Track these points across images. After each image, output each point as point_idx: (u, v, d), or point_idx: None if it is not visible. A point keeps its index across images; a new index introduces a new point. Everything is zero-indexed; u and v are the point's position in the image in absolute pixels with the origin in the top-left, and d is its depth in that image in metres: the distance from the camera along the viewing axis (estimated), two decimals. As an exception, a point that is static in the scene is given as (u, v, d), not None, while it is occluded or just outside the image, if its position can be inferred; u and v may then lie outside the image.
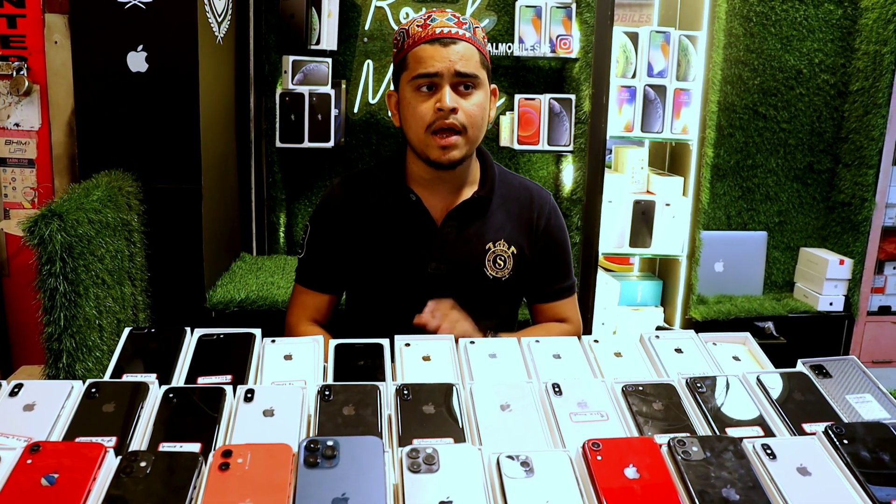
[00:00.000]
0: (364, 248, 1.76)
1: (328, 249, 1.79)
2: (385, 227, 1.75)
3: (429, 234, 1.73)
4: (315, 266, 1.80)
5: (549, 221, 1.83)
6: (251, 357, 1.26)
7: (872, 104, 3.13)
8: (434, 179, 1.74)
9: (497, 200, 1.79)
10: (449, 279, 1.73)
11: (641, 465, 0.95)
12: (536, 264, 1.82)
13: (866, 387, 1.26)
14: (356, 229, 1.76)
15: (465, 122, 1.63)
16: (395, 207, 1.76)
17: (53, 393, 1.10)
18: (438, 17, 1.65)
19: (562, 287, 1.87)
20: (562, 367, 1.30)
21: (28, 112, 2.49)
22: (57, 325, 1.76)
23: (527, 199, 1.83)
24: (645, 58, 3.00)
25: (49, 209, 1.76)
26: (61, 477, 0.89)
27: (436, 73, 1.60)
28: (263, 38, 2.93)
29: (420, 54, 1.62)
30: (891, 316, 3.39)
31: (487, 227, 1.76)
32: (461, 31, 1.63)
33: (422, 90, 1.63)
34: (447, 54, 1.60)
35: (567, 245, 1.88)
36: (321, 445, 0.93)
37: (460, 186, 1.77)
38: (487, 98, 1.70)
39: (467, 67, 1.62)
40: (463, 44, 1.62)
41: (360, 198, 1.78)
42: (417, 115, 1.63)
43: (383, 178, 1.79)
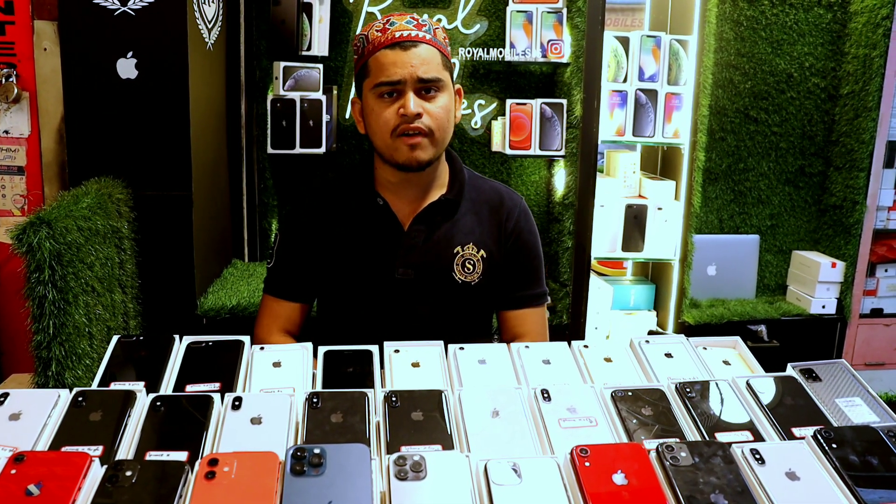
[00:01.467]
0: (333, 255, 1.74)
1: (298, 257, 1.77)
2: (353, 233, 1.74)
3: (396, 238, 1.72)
4: (285, 274, 1.78)
5: (519, 224, 1.80)
6: (240, 364, 1.26)
7: (862, 107, 3.14)
8: (401, 183, 1.72)
9: (466, 203, 1.77)
10: (417, 284, 1.71)
11: (630, 470, 0.95)
12: (507, 270, 1.79)
13: (856, 390, 1.26)
14: (325, 236, 1.75)
15: (430, 125, 1.61)
16: (363, 213, 1.74)
17: (40, 402, 1.09)
18: (397, 21, 1.63)
19: (530, 294, 1.82)
20: (551, 373, 1.30)
21: (17, 119, 2.48)
22: (46, 334, 1.75)
23: (497, 202, 1.80)
24: (636, 62, 3.01)
25: (37, 217, 1.75)
26: (46, 487, 0.88)
27: (398, 80, 1.59)
28: (254, 44, 2.93)
29: (381, 60, 1.60)
30: (883, 318, 3.40)
31: (456, 231, 1.74)
32: (421, 34, 1.62)
33: (385, 97, 1.62)
34: (408, 59, 1.59)
35: (538, 251, 1.84)
36: (308, 453, 0.93)
37: (428, 190, 1.74)
38: (452, 99, 1.67)
39: (429, 72, 1.60)
40: (424, 46, 1.61)
41: (328, 205, 1.77)
42: (381, 122, 1.62)
43: (351, 185, 1.78)
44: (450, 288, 1.73)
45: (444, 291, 1.73)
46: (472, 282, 1.74)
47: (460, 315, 1.76)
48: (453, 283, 1.73)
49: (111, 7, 2.20)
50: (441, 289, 1.73)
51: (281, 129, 2.86)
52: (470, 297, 1.75)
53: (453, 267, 1.73)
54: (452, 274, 1.73)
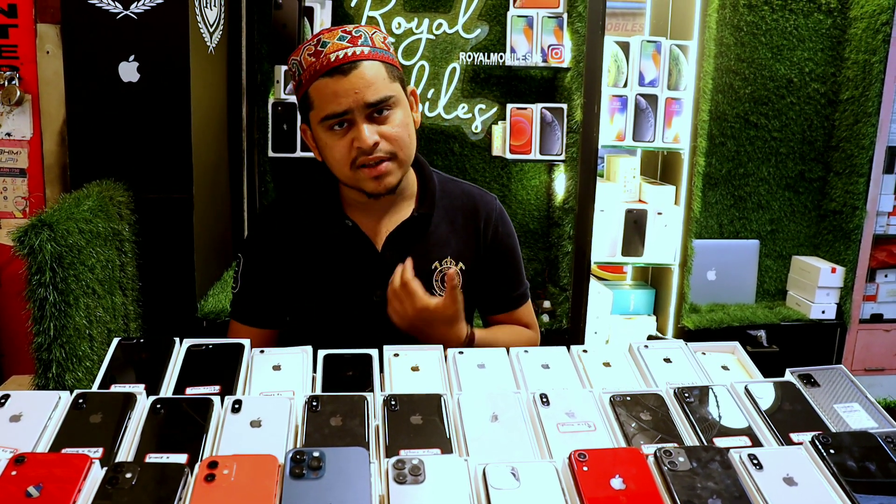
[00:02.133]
0: (303, 278, 1.64)
1: (263, 283, 1.66)
2: (323, 256, 1.63)
3: (370, 261, 1.62)
4: (251, 301, 1.68)
5: (497, 229, 1.73)
6: (240, 367, 1.26)
7: (862, 113, 3.15)
8: (370, 202, 1.61)
9: (439, 214, 1.68)
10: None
11: (628, 475, 0.96)
12: (487, 275, 1.73)
13: (854, 396, 1.26)
14: (292, 258, 1.64)
15: (390, 149, 1.50)
16: (332, 235, 1.64)
17: (40, 404, 1.10)
18: (329, 41, 1.48)
19: (517, 294, 1.78)
20: (550, 378, 1.30)
21: (20, 121, 2.49)
22: (46, 335, 1.75)
23: (471, 208, 1.72)
24: (636, 67, 3.02)
25: (39, 219, 1.76)
26: (46, 488, 0.88)
27: (344, 111, 1.46)
28: (256, 48, 2.93)
29: (322, 91, 1.47)
30: (883, 324, 3.41)
31: (431, 245, 1.65)
32: (358, 50, 1.48)
33: (335, 128, 1.49)
34: (350, 85, 1.45)
35: (517, 251, 1.77)
36: (307, 456, 0.93)
37: (398, 205, 1.66)
38: (407, 110, 1.55)
39: (377, 93, 1.47)
40: (364, 64, 1.47)
41: (293, 225, 1.66)
42: (338, 156, 1.51)
43: (316, 204, 1.67)
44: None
45: None
46: None
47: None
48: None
49: (113, 11, 2.21)
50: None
51: (282, 133, 2.87)
52: None
53: (432, 284, 1.65)
54: (432, 291, 1.64)
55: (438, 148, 3.13)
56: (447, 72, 3.07)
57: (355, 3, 3.00)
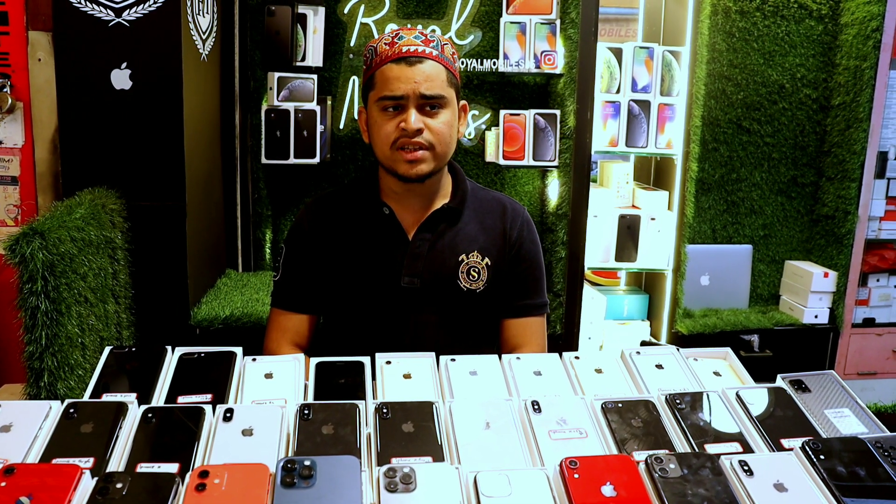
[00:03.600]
0: (339, 264, 1.75)
1: (304, 269, 1.78)
2: (358, 242, 1.75)
3: (401, 247, 1.73)
4: (292, 286, 1.78)
5: (522, 233, 1.82)
6: (232, 376, 1.26)
7: (854, 118, 3.16)
8: (406, 193, 1.74)
9: (469, 212, 1.79)
10: (423, 293, 1.72)
11: (618, 482, 0.96)
12: (508, 278, 1.80)
13: (845, 401, 1.26)
14: (331, 247, 1.76)
15: (431, 140, 1.63)
16: (369, 222, 1.75)
17: (31, 413, 1.09)
18: (406, 36, 1.65)
19: (531, 304, 1.83)
20: (542, 384, 1.30)
21: (11, 129, 2.49)
22: (38, 344, 1.75)
23: (499, 211, 1.82)
24: (629, 73, 3.03)
25: (30, 227, 1.75)
26: (36, 499, 0.88)
27: (401, 95, 1.61)
28: (249, 55, 2.94)
29: (386, 74, 1.62)
30: (875, 328, 3.41)
31: (460, 239, 1.76)
32: (428, 50, 1.63)
33: (388, 110, 1.63)
34: (412, 75, 1.61)
35: (539, 261, 1.85)
36: (298, 465, 0.93)
37: (432, 199, 1.77)
38: (455, 115, 1.70)
39: (432, 88, 1.62)
40: (429, 63, 1.63)
41: (333, 216, 1.78)
42: (383, 134, 1.64)
43: (356, 194, 1.80)
44: (455, 296, 1.74)
45: (450, 299, 1.74)
46: (476, 289, 1.75)
47: (466, 322, 1.77)
48: (458, 290, 1.74)
49: (106, 18, 2.21)
50: (447, 297, 1.74)
51: (275, 140, 2.87)
52: (475, 304, 1.76)
53: (458, 275, 1.74)
54: (458, 282, 1.74)
55: (432, 154, 3.13)
56: (440, 78, 3.07)
57: (348, 9, 3.00)
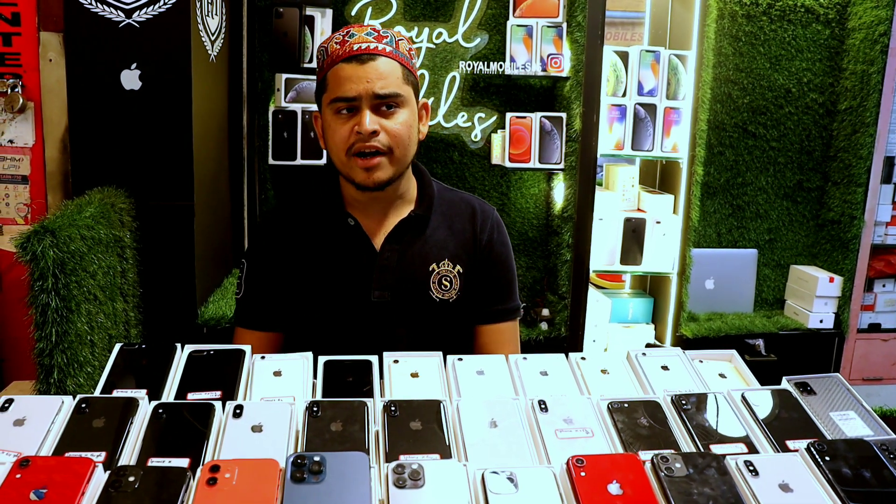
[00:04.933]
0: (304, 279, 1.67)
1: (268, 284, 1.70)
2: (323, 255, 1.67)
3: (369, 260, 1.66)
4: (256, 304, 1.71)
5: (493, 236, 1.75)
6: (241, 373, 1.28)
7: (860, 123, 3.17)
8: (369, 202, 1.67)
9: (437, 217, 1.72)
10: (394, 306, 1.65)
11: (625, 481, 0.97)
12: (479, 283, 1.74)
13: (850, 404, 1.27)
14: (294, 261, 1.68)
15: (388, 143, 1.56)
16: (333, 234, 1.68)
17: (43, 408, 1.11)
18: (357, 33, 1.57)
19: (504, 309, 1.78)
20: (549, 384, 1.31)
21: (22, 129, 2.50)
22: (48, 341, 1.76)
23: (468, 213, 1.75)
24: (635, 77, 3.03)
25: (41, 225, 1.77)
26: (50, 491, 0.89)
27: (353, 96, 1.53)
28: (256, 57, 2.95)
29: (338, 74, 1.55)
30: (880, 333, 3.41)
31: (429, 248, 1.69)
32: (381, 46, 1.56)
33: (342, 113, 1.56)
34: (364, 73, 1.53)
35: (511, 264, 1.79)
36: (308, 461, 0.94)
37: (396, 207, 1.70)
38: (415, 115, 1.62)
39: (387, 87, 1.54)
40: (383, 59, 1.55)
41: (294, 227, 1.71)
42: (337, 139, 1.57)
43: (318, 205, 1.72)
44: (428, 307, 1.68)
45: (422, 311, 1.68)
46: (449, 299, 1.69)
47: (439, 333, 1.69)
48: (431, 301, 1.68)
49: (116, 19, 2.23)
50: (419, 309, 1.67)
51: (282, 141, 2.88)
52: (448, 314, 1.70)
53: (430, 285, 1.68)
54: (430, 293, 1.68)
55: (438, 156, 3.14)
56: (447, 80, 3.08)
57: (356, 11, 3.02)
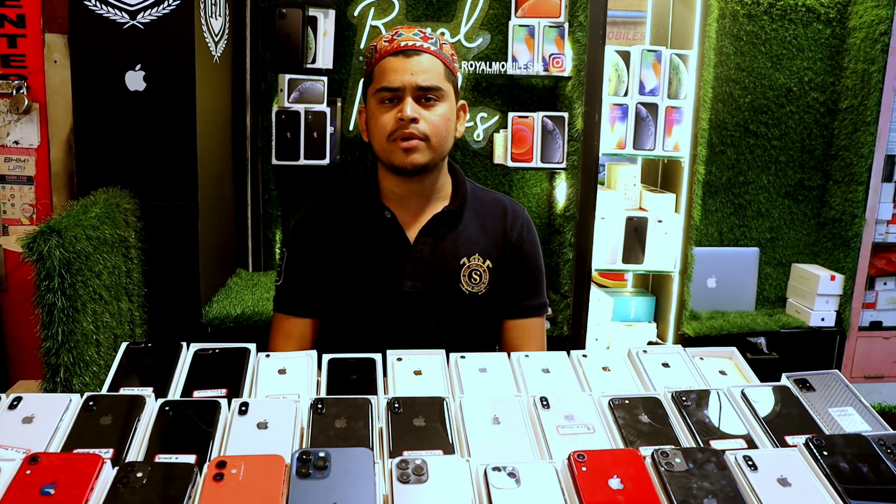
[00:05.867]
0: (340, 268, 1.76)
1: (307, 272, 1.79)
2: (360, 246, 1.76)
3: (403, 251, 1.74)
4: (295, 291, 1.80)
5: (522, 234, 1.84)
6: (246, 371, 1.29)
7: (861, 122, 3.17)
8: (406, 195, 1.75)
9: (469, 214, 1.81)
10: (425, 297, 1.74)
11: (625, 476, 0.98)
12: (508, 279, 1.82)
13: (849, 400, 1.28)
14: (331, 250, 1.77)
15: (426, 131, 1.65)
16: (370, 226, 1.77)
17: (52, 406, 1.12)
18: (405, 33, 1.69)
19: (531, 305, 1.86)
20: (551, 382, 1.32)
21: (27, 130, 2.52)
22: (55, 340, 1.77)
23: (500, 212, 1.84)
24: (637, 76, 3.05)
25: (48, 226, 1.78)
26: (59, 487, 0.91)
27: (398, 86, 1.64)
28: (260, 57, 2.97)
29: (384, 67, 1.66)
30: (882, 331, 3.42)
31: (461, 242, 1.77)
32: (426, 45, 1.67)
33: (385, 102, 1.66)
34: (409, 66, 1.64)
35: (539, 262, 1.87)
36: (313, 456, 0.95)
37: (432, 201, 1.78)
38: (453, 111, 1.72)
39: (429, 80, 1.65)
40: (427, 56, 1.66)
41: (334, 218, 1.80)
42: (380, 125, 1.66)
43: (356, 197, 1.81)
44: (457, 299, 1.76)
45: (452, 303, 1.76)
46: (478, 292, 1.77)
47: (468, 325, 1.78)
48: (461, 294, 1.76)
49: (120, 21, 2.24)
50: (449, 300, 1.76)
51: (285, 141, 2.90)
52: (477, 307, 1.78)
53: (460, 278, 1.76)
54: (459, 285, 1.76)
55: (440, 156, 3.15)
56: (449, 81, 3.09)
57: (358, 12, 3.03)
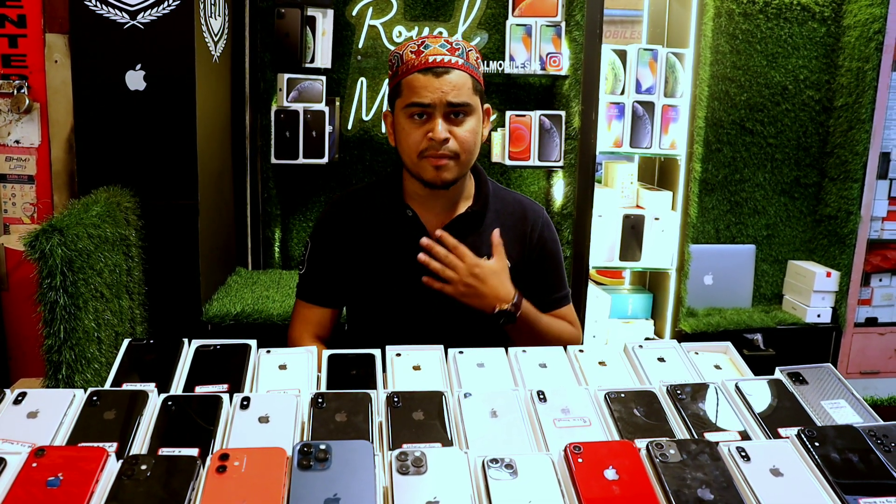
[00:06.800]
0: (362, 262, 1.80)
1: (328, 264, 1.83)
2: (382, 242, 1.80)
3: (423, 247, 1.75)
4: (316, 281, 1.84)
5: (543, 234, 1.88)
6: (247, 367, 1.30)
7: (856, 119, 3.19)
8: (429, 196, 1.78)
9: (491, 215, 1.84)
10: (446, 295, 1.73)
11: (621, 466, 1.00)
12: (532, 277, 1.86)
13: (841, 393, 1.30)
14: (354, 244, 1.81)
15: (456, 149, 1.68)
16: (392, 223, 1.80)
17: (56, 401, 1.14)
18: (432, 44, 1.69)
19: (559, 296, 1.91)
20: (548, 376, 1.34)
21: (28, 129, 2.54)
22: (57, 338, 1.79)
23: (520, 214, 1.87)
24: (633, 75, 3.06)
25: (50, 224, 1.80)
26: (65, 480, 0.93)
27: (428, 104, 1.65)
28: (259, 57, 2.98)
29: (413, 83, 1.67)
30: (877, 327, 3.44)
31: (482, 242, 1.78)
32: (454, 59, 1.68)
33: (415, 118, 1.68)
34: (439, 85, 1.65)
35: (560, 256, 1.92)
36: (314, 449, 0.97)
37: (455, 202, 1.81)
38: (480, 121, 1.75)
39: (459, 97, 1.66)
40: (456, 72, 1.67)
41: (358, 214, 1.83)
42: (411, 142, 1.69)
43: (380, 194, 1.84)
44: None
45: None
46: None
47: (484, 322, 1.78)
48: None
49: (121, 21, 2.26)
50: None
51: (284, 140, 2.91)
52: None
53: None
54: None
55: (438, 154, 3.17)
56: (447, 79, 3.11)
57: (356, 12, 3.05)
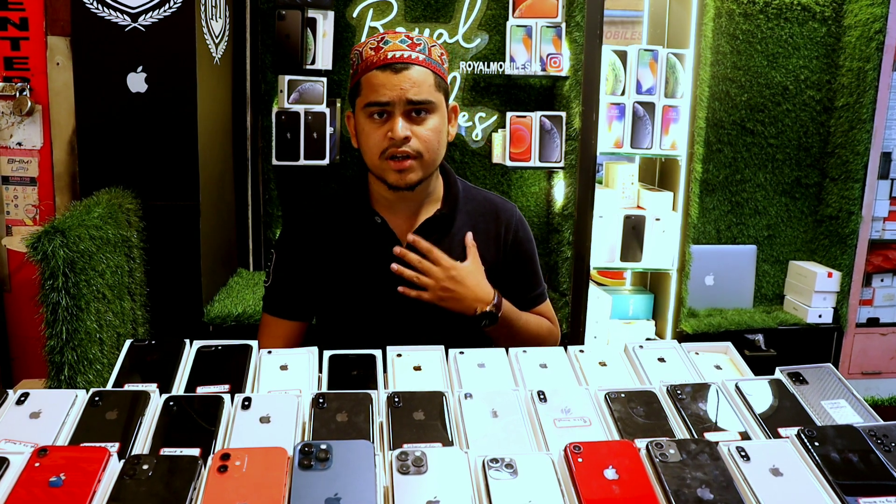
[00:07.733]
0: (331, 272, 1.75)
1: (295, 276, 1.78)
2: (351, 250, 1.75)
3: (395, 256, 1.71)
4: (283, 293, 1.79)
5: (517, 234, 1.84)
6: (248, 367, 1.31)
7: (857, 119, 3.20)
8: (397, 200, 1.74)
9: (462, 217, 1.79)
10: (418, 301, 1.70)
11: (620, 466, 1.00)
12: (508, 278, 1.82)
13: (841, 393, 1.30)
14: (322, 254, 1.76)
15: (419, 148, 1.63)
16: (361, 230, 1.75)
17: (58, 401, 1.14)
18: (391, 40, 1.63)
19: (536, 294, 1.89)
20: (548, 376, 1.34)
21: (30, 131, 2.55)
22: (59, 339, 1.80)
23: (493, 214, 1.83)
24: (633, 75, 3.07)
25: (52, 226, 1.81)
26: (67, 479, 0.93)
27: (387, 102, 1.60)
28: (260, 59, 2.99)
29: (372, 81, 1.61)
30: (879, 328, 3.44)
31: (454, 245, 1.75)
32: (414, 55, 1.62)
33: (374, 117, 1.63)
34: (398, 82, 1.59)
35: (535, 255, 1.89)
36: (315, 448, 0.98)
37: (423, 205, 1.77)
38: (444, 120, 1.69)
39: (419, 95, 1.60)
40: (416, 68, 1.61)
41: (324, 222, 1.78)
42: (371, 143, 1.64)
43: (347, 201, 1.79)
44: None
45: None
46: None
47: (462, 327, 1.75)
48: None
49: (122, 23, 2.27)
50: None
51: (285, 141, 2.92)
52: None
53: None
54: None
55: (439, 155, 3.18)
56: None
57: (357, 13, 3.06)
